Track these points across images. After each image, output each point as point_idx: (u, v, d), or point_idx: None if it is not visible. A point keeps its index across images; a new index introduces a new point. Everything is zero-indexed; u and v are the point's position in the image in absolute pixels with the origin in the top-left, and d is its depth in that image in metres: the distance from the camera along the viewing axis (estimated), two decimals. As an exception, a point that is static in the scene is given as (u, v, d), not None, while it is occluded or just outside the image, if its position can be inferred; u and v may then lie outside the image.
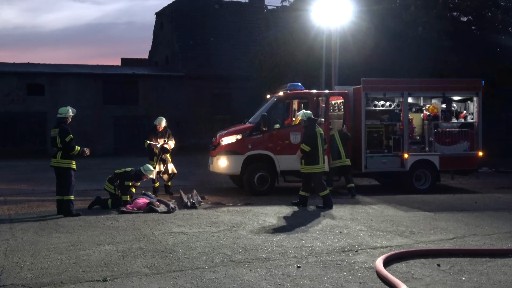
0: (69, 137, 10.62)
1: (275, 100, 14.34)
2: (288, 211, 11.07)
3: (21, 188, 15.26)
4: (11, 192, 14.27)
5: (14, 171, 20.78)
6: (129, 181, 11.53)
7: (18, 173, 19.74)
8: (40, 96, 31.62)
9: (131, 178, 11.60)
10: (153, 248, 7.76)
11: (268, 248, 7.75)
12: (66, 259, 7.13)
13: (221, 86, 34.24)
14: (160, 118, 13.76)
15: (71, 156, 10.70)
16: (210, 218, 10.22)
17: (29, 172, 20.21)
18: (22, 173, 19.77)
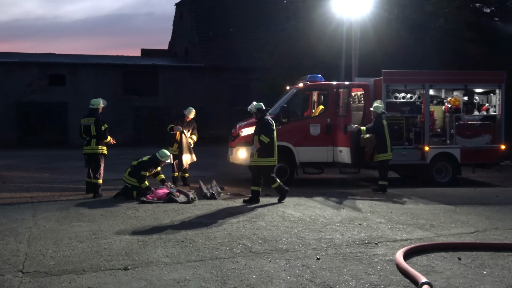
0: (104, 126, 11.91)
1: (294, 91, 14.31)
2: (307, 203, 11.06)
3: (43, 177, 15.46)
4: (33, 180, 14.46)
5: (35, 160, 21.05)
6: (146, 171, 11.62)
7: (39, 162, 19.99)
8: (61, 86, 31.95)
9: (148, 167, 11.69)
10: (173, 237, 7.81)
11: (288, 240, 7.76)
12: (88, 247, 7.22)
13: (240, 77, 34.26)
14: (190, 109, 13.79)
15: (102, 143, 11.89)
16: (229, 209, 10.25)
17: (50, 161, 20.46)
18: (44, 162, 20.02)
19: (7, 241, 7.56)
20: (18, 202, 11.00)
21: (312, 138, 13.79)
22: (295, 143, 13.70)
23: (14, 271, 6.14)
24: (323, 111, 14.15)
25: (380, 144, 12.78)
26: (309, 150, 13.70)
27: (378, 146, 12.81)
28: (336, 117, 13.99)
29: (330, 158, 13.92)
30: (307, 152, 13.58)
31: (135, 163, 11.84)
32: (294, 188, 13.14)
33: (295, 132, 13.79)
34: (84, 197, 11.67)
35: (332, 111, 14.02)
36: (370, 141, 12.95)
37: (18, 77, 31.15)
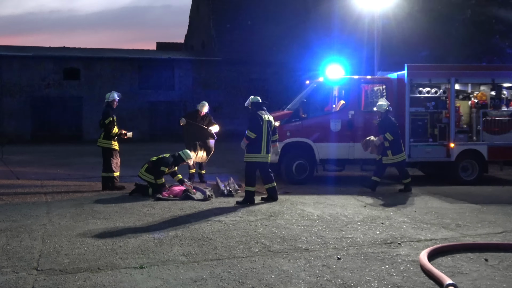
0: (108, 119, 12.09)
1: (315, 86, 14.26)
2: (327, 201, 11.03)
3: (57, 173, 15.61)
4: (47, 177, 14.61)
5: (50, 156, 21.26)
6: (166, 167, 11.65)
7: (54, 158, 20.19)
8: (75, 80, 32.22)
9: (169, 164, 11.73)
10: (189, 236, 7.84)
11: (307, 239, 7.74)
12: (103, 245, 7.27)
13: (259, 71, 34.23)
14: (203, 103, 13.84)
15: (111, 137, 12.12)
16: (247, 207, 10.26)
17: (65, 157, 20.65)
18: (58, 158, 20.22)
19: (21, 238, 7.66)
20: (32, 199, 11.13)
21: (333, 134, 13.72)
22: (315, 139, 13.66)
23: (29, 269, 6.21)
24: (345, 106, 14.09)
25: (394, 143, 12.36)
26: (329, 147, 13.64)
27: (392, 146, 12.36)
28: (359, 112, 13.92)
29: (352, 154, 13.85)
30: (328, 149, 13.53)
31: (153, 159, 11.89)
32: (314, 186, 13.11)
33: (315, 128, 13.75)
34: (99, 194, 11.76)
35: (354, 106, 13.95)
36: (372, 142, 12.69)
37: (32, 71, 31.47)
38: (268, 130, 10.85)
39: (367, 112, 14.11)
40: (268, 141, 10.85)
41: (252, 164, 10.84)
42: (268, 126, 10.88)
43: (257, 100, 11.09)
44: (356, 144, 13.73)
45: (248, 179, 10.83)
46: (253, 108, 11.05)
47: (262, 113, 10.90)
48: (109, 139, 12.20)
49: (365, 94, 14.50)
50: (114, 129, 12.20)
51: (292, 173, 13.60)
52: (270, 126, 10.94)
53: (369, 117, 13.87)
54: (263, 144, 10.76)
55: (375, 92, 14.69)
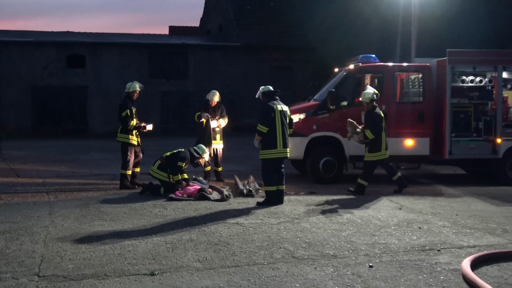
0: (125, 112, 12.31)
1: (344, 74, 14.19)
2: (358, 202, 10.99)
3: (60, 170, 15.78)
4: (49, 174, 14.77)
5: (52, 151, 21.49)
6: (183, 162, 11.72)
7: (57, 154, 20.40)
8: (80, 68, 32.47)
9: (186, 159, 11.80)
10: (205, 240, 7.88)
11: (336, 244, 7.73)
12: (110, 249, 7.34)
13: (282, 58, 34.18)
14: (213, 92, 13.84)
15: (128, 131, 12.36)
16: (269, 208, 10.27)
17: (69, 153, 20.86)
18: (61, 154, 20.43)
19: (21, 241, 7.75)
20: (33, 198, 11.26)
21: (365, 128, 13.66)
22: (344, 133, 13.59)
23: (30, 275, 6.29)
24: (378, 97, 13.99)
25: (373, 141, 12.07)
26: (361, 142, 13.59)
27: (370, 142, 12.11)
28: (393, 103, 13.83)
29: (386, 150, 13.76)
30: (359, 144, 13.47)
31: (168, 155, 11.95)
32: (343, 185, 13.07)
33: (345, 121, 13.67)
34: (106, 194, 11.87)
35: (388, 97, 13.86)
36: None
37: (33, 58, 31.78)
38: (283, 121, 10.80)
39: (403, 104, 14.02)
40: (284, 133, 10.82)
41: (269, 162, 10.82)
42: (283, 117, 10.82)
43: (268, 90, 11.07)
44: (391, 139, 13.63)
45: (267, 178, 10.83)
46: (264, 99, 11.04)
47: (274, 103, 10.86)
48: (127, 133, 12.43)
49: (400, 83, 14.40)
50: (131, 122, 12.37)
51: (319, 171, 13.57)
52: (284, 116, 10.89)
53: (405, 109, 13.77)
54: (278, 137, 10.72)
55: (412, 81, 14.58)
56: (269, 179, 10.79)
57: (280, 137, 10.74)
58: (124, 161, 12.47)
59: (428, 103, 13.90)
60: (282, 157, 10.87)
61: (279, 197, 10.78)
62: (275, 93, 11.10)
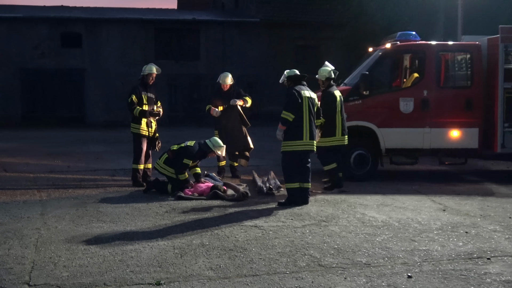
0: (130, 98, 12.43)
1: (380, 54, 14.12)
2: (395, 202, 10.97)
3: (54, 164, 15.86)
4: (41, 169, 14.87)
5: (45, 143, 21.61)
6: (190, 159, 11.69)
7: (50, 146, 20.51)
8: (76, 48, 32.53)
9: (194, 156, 11.78)
10: (218, 245, 7.90)
11: (369, 251, 7.72)
12: (110, 255, 7.39)
13: (307, 36, 34.03)
14: (225, 74, 13.73)
15: (138, 119, 12.48)
16: (292, 209, 10.28)
17: (63, 145, 20.96)
18: (55, 146, 20.53)
19: (10, 245, 7.83)
20: (23, 196, 11.34)
21: (403, 117, 13.57)
22: (379, 123, 13.54)
23: (19, 283, 6.35)
24: (418, 81, 13.93)
25: (326, 124, 11.93)
26: (398, 133, 13.51)
27: (325, 126, 11.93)
28: (436, 88, 13.74)
29: (427, 143, 13.70)
30: (396, 135, 13.41)
31: (175, 148, 11.95)
32: (378, 183, 13.04)
33: (380, 109, 13.63)
34: (106, 191, 11.94)
35: (430, 81, 13.77)
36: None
37: (22, 37, 31.88)
38: (310, 109, 10.79)
39: (448, 89, 13.92)
40: (312, 123, 10.81)
41: (292, 155, 10.79)
42: (310, 104, 10.80)
43: (294, 74, 11.06)
44: (433, 129, 13.59)
45: (288, 173, 10.83)
46: (289, 83, 11.04)
47: (301, 89, 10.84)
48: (138, 123, 12.54)
49: (445, 65, 14.30)
50: (137, 109, 12.39)
51: (350, 166, 13.53)
52: (312, 104, 10.87)
53: (450, 94, 13.67)
54: (305, 127, 10.70)
55: (458, 63, 14.46)
56: (291, 174, 10.78)
57: (307, 127, 10.72)
58: (134, 154, 12.60)
59: (477, 88, 13.79)
60: (308, 150, 10.85)
61: (303, 196, 10.78)
62: (302, 77, 11.08)
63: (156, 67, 12.84)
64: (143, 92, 12.54)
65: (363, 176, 13.49)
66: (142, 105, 12.46)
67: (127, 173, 13.57)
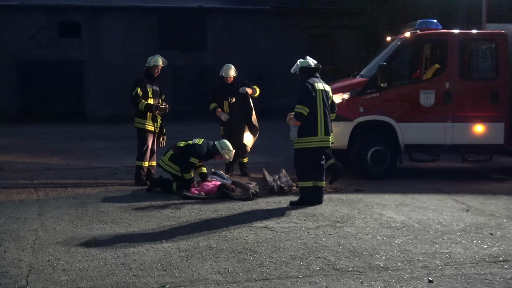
0: (135, 90, 12.52)
1: (398, 44, 14.09)
2: (415, 202, 10.95)
3: (52, 162, 15.90)
4: (39, 167, 14.91)
5: (42, 139, 21.67)
6: (197, 158, 11.67)
7: (48, 142, 20.58)
8: (75, 38, 32.57)
9: (201, 155, 11.76)
10: (227, 247, 7.91)
11: (387, 254, 7.71)
12: (112, 258, 7.41)
13: (322, 25, 33.95)
14: (227, 66, 13.70)
15: (143, 114, 12.55)
16: (305, 209, 10.28)
17: (61, 141, 21.02)
18: (53, 142, 20.60)
19: (5, 248, 7.85)
20: (19, 196, 11.38)
21: (423, 110, 13.54)
22: (398, 117, 13.51)
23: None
24: (440, 72, 13.89)
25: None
26: (418, 128, 13.48)
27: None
28: (459, 80, 13.70)
29: (449, 138, 13.67)
30: (416, 130, 13.39)
31: (181, 145, 11.95)
32: (396, 181, 13.02)
33: (399, 102, 13.60)
34: (107, 190, 11.97)
35: (453, 72, 13.73)
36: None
37: (18, 26, 31.92)
38: (325, 102, 10.74)
39: (472, 80, 13.87)
40: (327, 117, 10.76)
41: (305, 152, 10.75)
42: (324, 97, 10.76)
43: (307, 64, 10.98)
44: (456, 124, 13.55)
45: (301, 171, 10.81)
46: (302, 75, 10.99)
47: (315, 81, 10.79)
48: (142, 117, 12.59)
49: (468, 55, 14.25)
50: (142, 103, 12.43)
51: (367, 163, 13.51)
52: (327, 97, 10.84)
53: (474, 87, 13.63)
54: (319, 122, 10.64)
55: (483, 53, 14.42)
56: (304, 172, 10.77)
57: (322, 122, 10.68)
58: (138, 151, 12.65)
59: (503, 79, 13.73)
60: (323, 147, 10.84)
61: (317, 195, 10.77)
62: (316, 69, 11.02)
63: (162, 59, 12.91)
64: (148, 85, 12.61)
65: (380, 174, 13.47)
66: (147, 99, 12.51)
67: (129, 171, 13.59)
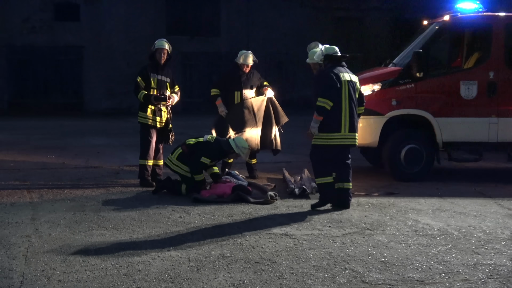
0: (138, 79, 12.54)
1: (436, 28, 14.04)
2: (454, 207, 10.92)
3: (47, 160, 15.97)
4: (32, 166, 15.00)
5: (36, 134, 21.78)
6: (209, 158, 11.62)
7: (42, 138, 20.67)
8: (73, 22, 32.66)
9: (214, 154, 11.76)
10: (242, 256, 7.92)
11: (422, 265, 7.69)
12: (114, 268, 7.43)
13: (350, 7, 33.95)
14: (246, 52, 13.61)
15: (144, 107, 12.58)
16: (330, 214, 10.27)
17: (57, 137, 21.11)
18: (48, 138, 20.69)
19: (-5, 256, 7.91)
20: (10, 198, 11.41)
21: (464, 104, 13.49)
22: (435, 111, 13.46)
23: (6, 301, 6.42)
24: (483, 60, 13.82)
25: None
26: (458, 123, 13.43)
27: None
28: (505, 69, 13.63)
29: (493, 135, 13.61)
30: (456, 126, 13.33)
31: (191, 142, 11.91)
32: (434, 184, 12.98)
33: (436, 94, 13.54)
34: (108, 192, 12.02)
35: (498, 60, 13.66)
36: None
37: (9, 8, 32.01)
38: (351, 95, 10.62)
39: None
40: (353, 112, 10.63)
41: (325, 149, 10.65)
42: (351, 89, 10.64)
43: (333, 51, 10.88)
44: (501, 119, 13.48)
45: (318, 167, 10.73)
46: (326, 63, 10.90)
47: (340, 71, 10.66)
48: (143, 111, 12.61)
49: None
50: (141, 93, 12.42)
51: (400, 163, 13.47)
52: (353, 89, 10.71)
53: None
54: (344, 117, 10.53)
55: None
56: (322, 168, 10.68)
57: (347, 117, 10.57)
58: (140, 148, 12.69)
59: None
60: (347, 144, 10.73)
61: (343, 199, 10.74)
62: (342, 57, 10.93)
63: (167, 43, 12.72)
64: (152, 74, 12.53)
65: (415, 175, 13.43)
66: (149, 90, 12.47)
67: (133, 171, 13.64)
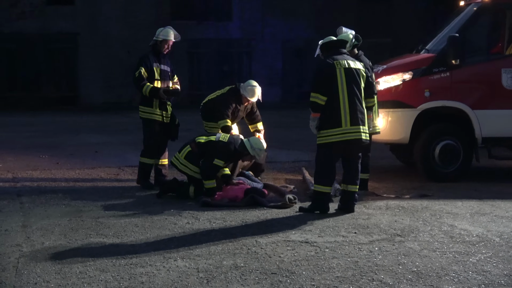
0: (138, 71, 12.51)
1: (474, 10, 14.01)
2: (495, 211, 10.90)
3: (39, 160, 16.03)
4: (23, 166, 15.05)
5: (26, 131, 21.85)
6: (223, 159, 11.56)
7: (33, 135, 20.75)
8: (67, 6, 32.71)
9: (228, 156, 11.73)
10: (257, 266, 7.92)
11: (460, 275, 7.68)
12: (114, 280, 7.45)
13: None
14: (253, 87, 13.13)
15: (149, 100, 12.61)
16: (355, 219, 10.28)
17: (51, 134, 21.18)
18: (40, 135, 20.76)
19: (-18, 267, 7.95)
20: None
21: (506, 94, 13.46)
22: (474, 103, 13.43)
23: (-5, 317, 6.46)
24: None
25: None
26: (499, 116, 13.39)
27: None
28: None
29: (540, 130, 13.60)
30: (497, 120, 13.30)
31: (201, 141, 11.84)
32: (472, 184, 12.96)
33: (475, 84, 13.53)
34: (107, 195, 12.03)
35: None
36: None
37: (-4, -8, 32.24)
38: (351, 84, 10.47)
39: None
40: (354, 103, 10.47)
41: (329, 148, 10.59)
42: (351, 77, 10.49)
43: (329, 41, 10.91)
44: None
45: (320, 170, 10.68)
46: (324, 54, 10.92)
47: (336, 58, 10.53)
48: (148, 105, 12.65)
49: None
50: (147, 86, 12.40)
51: (434, 161, 13.46)
52: (357, 77, 10.57)
53: None
54: (343, 109, 10.40)
55: None
56: (323, 173, 10.64)
57: (347, 109, 10.42)
58: (144, 146, 12.76)
59: None
60: (351, 140, 10.57)
61: (347, 202, 10.77)
62: (339, 43, 10.92)
63: (174, 33, 12.67)
64: (155, 63, 12.57)
65: (451, 175, 13.43)
66: (153, 81, 12.50)
67: (135, 172, 13.65)
